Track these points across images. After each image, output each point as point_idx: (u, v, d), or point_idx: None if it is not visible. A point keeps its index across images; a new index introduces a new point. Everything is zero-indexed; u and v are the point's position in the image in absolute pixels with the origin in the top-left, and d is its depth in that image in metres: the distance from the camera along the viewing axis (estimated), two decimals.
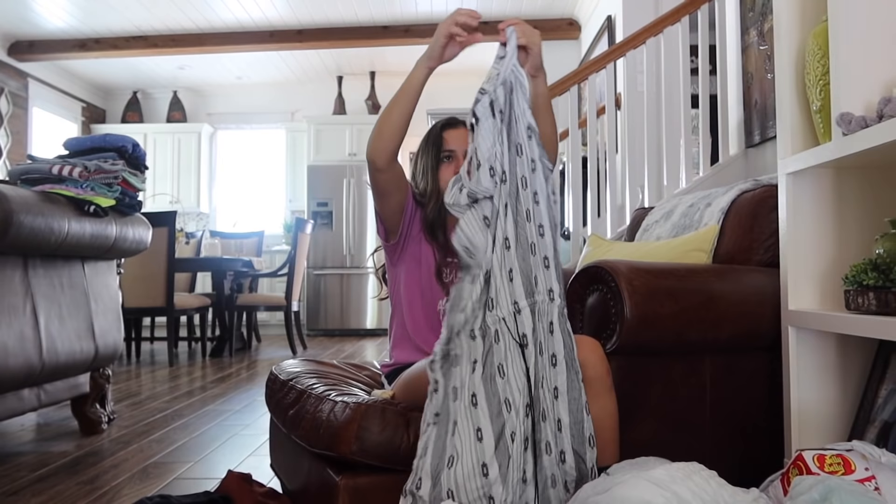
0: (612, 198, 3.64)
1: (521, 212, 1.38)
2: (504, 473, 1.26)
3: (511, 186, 1.39)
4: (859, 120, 1.33)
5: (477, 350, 1.31)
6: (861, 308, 1.36)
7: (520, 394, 1.29)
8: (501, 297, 1.34)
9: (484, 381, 1.29)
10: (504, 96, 1.41)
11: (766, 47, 3.33)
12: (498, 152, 1.37)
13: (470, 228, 1.35)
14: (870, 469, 1.19)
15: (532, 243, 1.37)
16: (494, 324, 1.32)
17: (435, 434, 1.27)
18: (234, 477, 1.74)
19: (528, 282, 1.35)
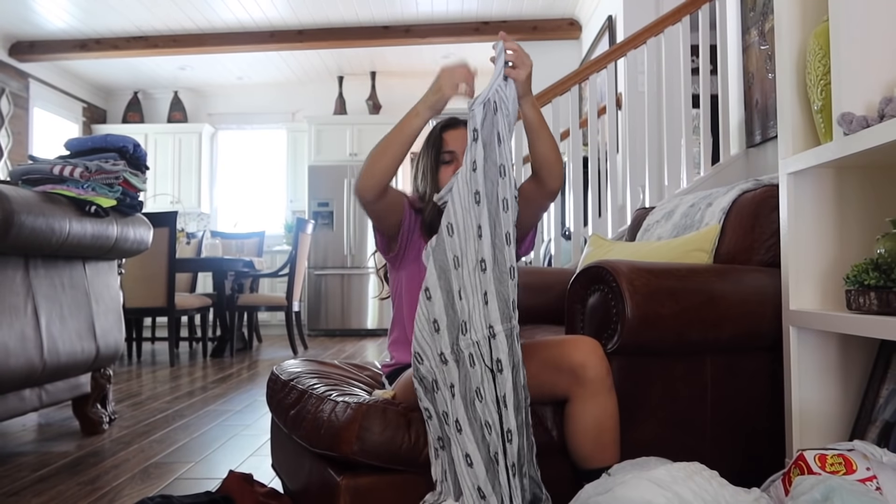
0: (613, 198, 3.64)
1: (501, 234, 1.37)
2: (499, 493, 1.27)
3: (490, 207, 1.38)
4: (860, 120, 1.33)
5: (451, 374, 1.31)
6: (862, 308, 1.36)
7: (495, 418, 1.30)
8: (475, 320, 1.33)
9: (465, 406, 1.29)
10: (482, 116, 1.41)
11: (766, 47, 3.32)
12: (467, 172, 1.38)
13: (459, 203, 1.36)
14: (871, 469, 1.19)
15: (511, 266, 1.37)
16: (468, 347, 1.33)
17: (448, 460, 1.29)
18: (236, 477, 1.74)
19: (505, 305, 1.35)
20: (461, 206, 1.38)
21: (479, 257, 1.35)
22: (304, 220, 5.69)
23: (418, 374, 1.32)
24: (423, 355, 1.32)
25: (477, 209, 1.37)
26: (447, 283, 1.35)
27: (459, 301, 1.33)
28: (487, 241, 1.36)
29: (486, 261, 1.35)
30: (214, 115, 8.07)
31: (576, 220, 3.67)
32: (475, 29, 6.28)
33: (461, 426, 1.28)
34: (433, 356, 1.32)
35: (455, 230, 1.37)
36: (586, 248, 2.47)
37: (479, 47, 6.78)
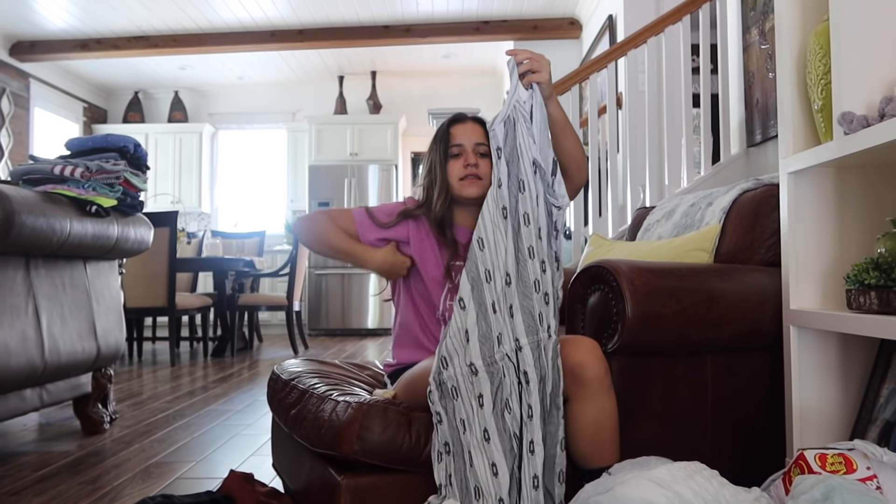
0: (614, 197, 3.64)
1: (523, 248, 1.40)
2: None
3: (513, 222, 1.40)
4: (861, 119, 1.33)
5: (481, 385, 1.33)
6: (863, 307, 1.36)
7: (521, 429, 1.32)
8: (505, 333, 1.35)
9: (495, 417, 1.31)
10: (504, 133, 1.43)
11: (767, 46, 3.32)
12: (494, 189, 1.42)
13: (489, 218, 1.38)
14: (871, 468, 1.19)
15: (535, 280, 1.39)
16: (502, 360, 1.34)
17: (454, 466, 1.30)
18: (236, 477, 1.75)
19: (531, 319, 1.37)
20: (491, 221, 1.42)
21: (504, 271, 1.38)
22: None
23: (439, 377, 1.33)
24: (450, 361, 1.34)
25: (504, 224, 1.40)
26: (480, 295, 1.38)
27: (493, 314, 1.37)
28: (511, 255, 1.38)
29: (510, 275, 1.38)
30: (215, 114, 8.07)
31: (576, 219, 3.67)
32: (475, 28, 6.28)
33: (489, 436, 1.30)
34: (460, 364, 1.33)
35: (486, 245, 1.41)
36: (587, 248, 2.47)
37: (480, 47, 6.79)
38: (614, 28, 5.03)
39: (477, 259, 1.40)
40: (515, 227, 1.40)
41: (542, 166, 1.44)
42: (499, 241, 1.40)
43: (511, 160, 1.43)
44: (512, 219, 1.41)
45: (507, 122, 1.45)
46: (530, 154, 1.43)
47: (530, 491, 1.29)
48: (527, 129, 1.44)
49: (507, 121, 1.45)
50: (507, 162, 1.43)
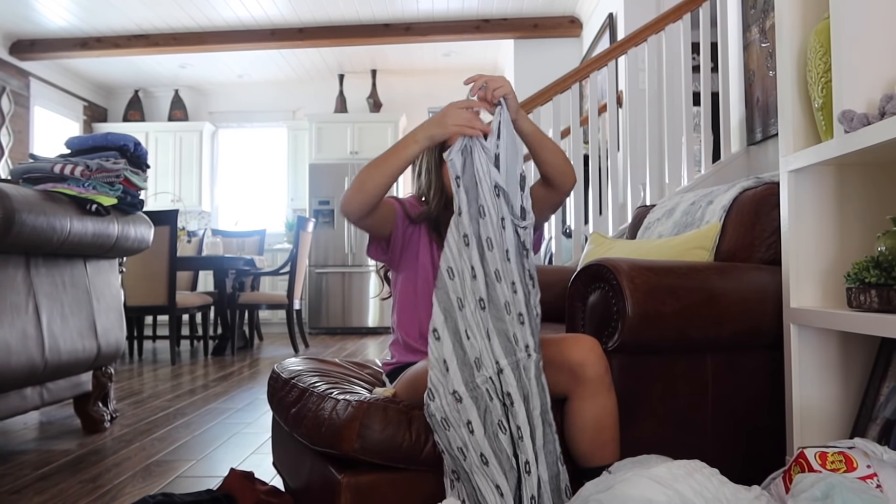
0: (614, 196, 3.64)
1: (490, 272, 1.40)
2: None
3: (477, 248, 1.40)
4: (861, 117, 1.33)
5: (468, 412, 1.34)
6: (863, 306, 1.36)
7: (514, 450, 1.33)
8: (485, 356, 1.36)
9: (489, 440, 1.31)
10: (461, 162, 1.44)
11: (767, 45, 3.32)
12: (455, 217, 1.42)
13: (454, 246, 1.39)
14: (872, 466, 1.19)
15: (506, 302, 1.40)
16: (484, 383, 1.34)
17: (465, 491, 1.32)
18: (237, 475, 1.75)
19: (507, 341, 1.37)
20: (456, 248, 1.42)
21: (478, 296, 1.38)
22: (305, 218, 5.69)
23: (429, 410, 1.34)
24: (436, 392, 1.35)
25: (468, 251, 1.40)
26: (454, 323, 1.38)
27: (468, 340, 1.37)
28: (481, 280, 1.39)
29: (483, 299, 1.38)
30: (215, 113, 8.07)
31: (576, 217, 3.67)
32: (476, 27, 6.28)
33: (487, 459, 1.31)
34: (445, 394, 1.34)
35: (455, 273, 1.40)
36: (587, 246, 2.47)
37: (480, 45, 6.79)
38: (615, 26, 5.02)
39: (448, 287, 1.39)
40: (480, 252, 1.41)
41: (505, 189, 1.43)
42: (465, 268, 1.40)
43: (469, 188, 1.43)
44: (476, 244, 1.41)
45: (463, 150, 1.44)
46: (489, 179, 1.43)
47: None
48: (485, 155, 1.43)
49: (463, 150, 1.45)
50: (466, 190, 1.43)
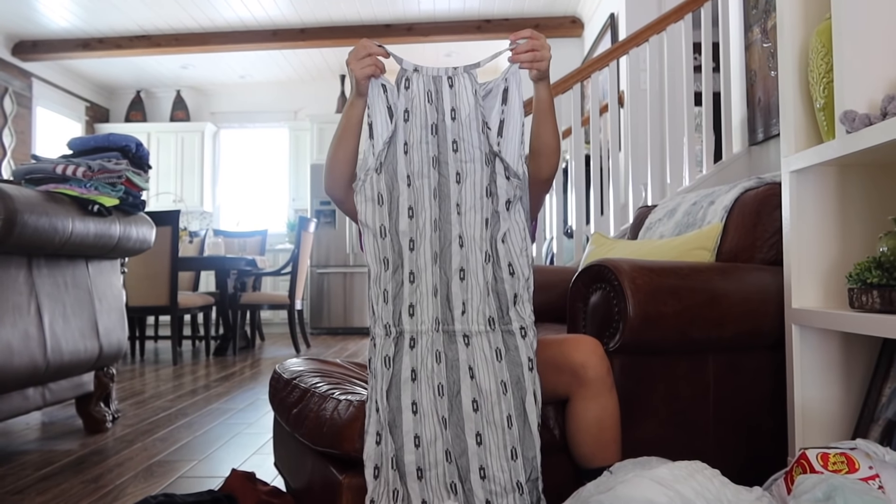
0: (616, 196, 3.64)
1: (454, 237, 1.38)
2: (426, 475, 1.32)
3: (443, 212, 1.38)
4: (863, 118, 1.33)
5: (388, 347, 1.35)
6: (865, 306, 1.36)
7: (430, 404, 1.33)
8: (426, 308, 1.36)
9: (391, 381, 1.34)
10: (379, 93, 1.38)
11: (769, 45, 3.32)
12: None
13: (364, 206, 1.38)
14: (874, 468, 1.18)
15: (461, 268, 1.38)
16: (411, 331, 1.35)
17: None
18: (238, 475, 1.75)
19: (446, 305, 1.37)
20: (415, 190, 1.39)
21: (434, 250, 1.37)
22: (307, 218, 5.69)
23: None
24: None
25: (434, 204, 1.39)
26: (399, 261, 1.38)
27: (410, 284, 1.37)
28: (437, 238, 1.38)
29: (438, 255, 1.37)
30: (217, 113, 8.08)
31: (578, 218, 3.67)
32: (477, 27, 6.28)
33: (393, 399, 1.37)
34: (378, 325, 1.38)
35: (415, 213, 1.38)
36: (588, 247, 2.46)
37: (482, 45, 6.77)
38: (616, 26, 5.02)
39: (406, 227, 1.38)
40: (446, 213, 1.38)
41: (504, 157, 1.37)
42: (426, 215, 1.37)
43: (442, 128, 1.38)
44: (442, 204, 1.38)
45: (385, 87, 1.39)
46: (425, 117, 1.38)
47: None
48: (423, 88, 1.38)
49: (385, 86, 1.39)
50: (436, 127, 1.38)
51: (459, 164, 1.38)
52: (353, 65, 1.38)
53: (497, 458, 1.32)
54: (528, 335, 1.37)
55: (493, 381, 1.34)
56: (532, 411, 1.34)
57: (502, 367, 1.35)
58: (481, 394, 1.34)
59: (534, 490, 1.33)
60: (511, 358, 1.36)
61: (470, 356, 1.35)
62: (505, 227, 1.39)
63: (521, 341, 1.37)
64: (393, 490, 1.33)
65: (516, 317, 1.38)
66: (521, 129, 1.40)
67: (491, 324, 1.37)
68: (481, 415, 1.33)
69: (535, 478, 1.33)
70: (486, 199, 1.38)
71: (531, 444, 1.33)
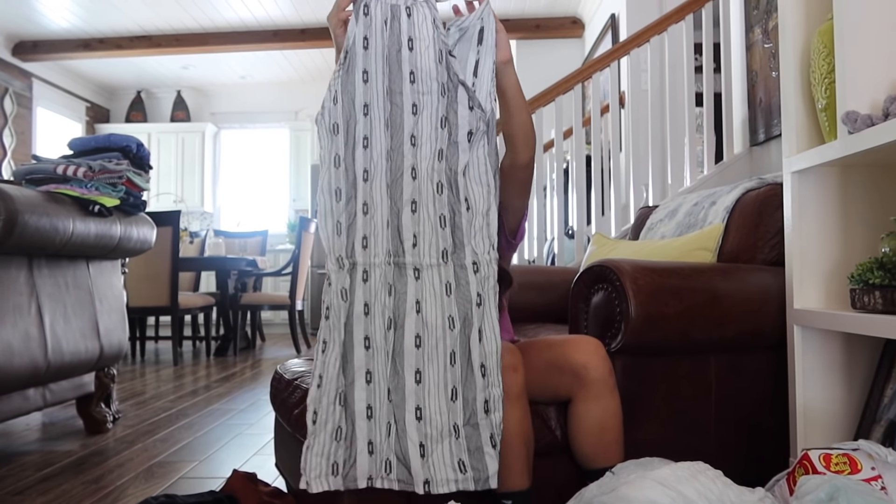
0: (617, 196, 3.64)
1: (407, 168, 1.34)
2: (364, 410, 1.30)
3: (343, 135, 1.35)
4: (865, 118, 1.33)
5: (343, 280, 1.33)
6: (867, 307, 1.36)
7: (383, 339, 1.30)
8: (379, 240, 1.33)
9: (348, 314, 1.32)
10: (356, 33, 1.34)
11: (770, 45, 3.32)
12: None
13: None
14: (876, 468, 1.18)
15: (413, 200, 1.33)
16: (364, 263, 1.33)
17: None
18: (239, 476, 1.74)
19: (397, 238, 1.33)
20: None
21: (387, 182, 1.34)
22: (307, 218, 5.69)
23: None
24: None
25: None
26: (352, 191, 1.36)
27: (364, 216, 1.35)
28: (388, 167, 1.35)
29: (391, 187, 1.34)
30: (217, 114, 8.08)
31: (579, 218, 3.67)
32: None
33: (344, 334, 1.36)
34: (331, 257, 1.37)
35: (369, 144, 1.36)
36: (589, 247, 2.46)
37: None
38: (617, 27, 5.02)
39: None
40: (398, 143, 1.34)
41: (475, 91, 1.33)
42: (381, 146, 1.33)
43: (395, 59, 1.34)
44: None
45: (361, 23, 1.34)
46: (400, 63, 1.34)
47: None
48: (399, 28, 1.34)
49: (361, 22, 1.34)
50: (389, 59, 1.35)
51: (416, 96, 1.34)
52: (332, 20, 1.37)
53: (436, 398, 1.27)
54: (480, 270, 1.31)
55: (440, 316, 1.29)
56: (476, 349, 1.28)
57: (451, 301, 1.30)
58: (426, 328, 1.29)
59: (474, 436, 1.26)
60: (461, 293, 1.30)
61: (419, 290, 1.31)
62: (465, 160, 1.33)
63: (473, 276, 1.31)
64: (337, 428, 1.30)
65: (470, 252, 1.32)
66: (493, 68, 1.37)
67: (444, 257, 1.32)
68: (423, 351, 1.29)
69: (474, 422, 1.26)
70: (441, 130, 1.34)
71: (473, 384, 1.27)
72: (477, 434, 1.26)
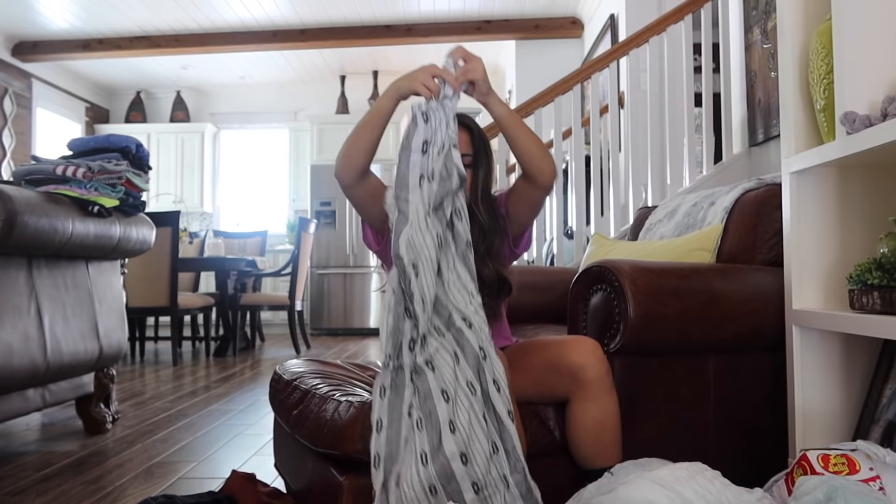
0: (616, 197, 3.64)
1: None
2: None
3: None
4: (863, 119, 1.33)
5: (384, 377, 1.34)
6: (865, 307, 1.36)
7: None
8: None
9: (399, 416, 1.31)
10: (417, 125, 1.41)
11: (769, 45, 3.32)
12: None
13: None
14: (874, 469, 1.18)
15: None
16: (410, 364, 1.33)
17: None
18: (238, 477, 1.75)
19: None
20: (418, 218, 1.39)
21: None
22: (307, 219, 5.69)
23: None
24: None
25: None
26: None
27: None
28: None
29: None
30: (217, 114, 8.08)
31: (578, 219, 3.67)
32: (477, 28, 6.28)
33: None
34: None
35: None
36: (588, 248, 2.46)
37: (482, 46, 6.77)
38: (616, 27, 5.02)
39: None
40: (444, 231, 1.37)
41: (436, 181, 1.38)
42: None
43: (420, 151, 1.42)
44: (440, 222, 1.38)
45: (424, 114, 1.41)
46: (444, 142, 1.40)
47: None
48: (443, 118, 1.41)
49: (424, 113, 1.41)
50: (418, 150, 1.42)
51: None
52: (421, 75, 1.40)
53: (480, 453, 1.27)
54: (473, 324, 1.33)
55: (462, 385, 1.30)
56: (498, 400, 1.29)
57: (465, 367, 1.32)
58: (459, 412, 1.29)
59: (522, 482, 1.28)
60: (469, 354, 1.33)
61: (439, 379, 1.32)
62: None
63: (469, 332, 1.34)
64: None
65: (456, 311, 1.35)
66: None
67: (439, 331, 1.35)
68: (459, 435, 1.29)
69: (521, 468, 1.28)
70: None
71: (509, 436, 1.28)
72: (526, 480, 1.29)
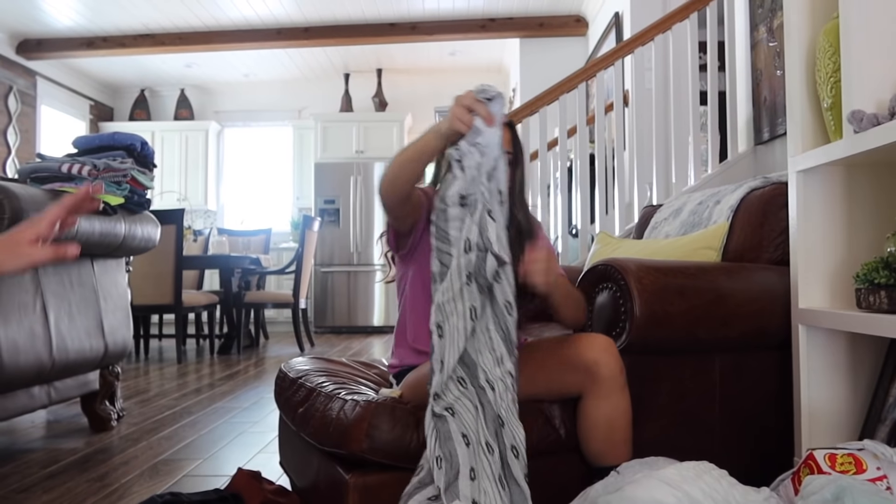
0: (621, 195, 3.63)
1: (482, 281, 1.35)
2: None
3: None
4: (870, 117, 1.33)
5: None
6: (872, 307, 1.36)
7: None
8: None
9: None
10: (461, 156, 1.34)
11: (775, 44, 3.31)
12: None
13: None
14: (881, 468, 1.18)
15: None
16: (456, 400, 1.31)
17: None
18: (244, 474, 1.75)
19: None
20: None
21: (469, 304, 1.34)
22: (311, 217, 5.69)
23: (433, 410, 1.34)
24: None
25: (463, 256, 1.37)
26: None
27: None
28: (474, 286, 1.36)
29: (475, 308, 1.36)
30: (221, 112, 8.08)
31: (583, 217, 3.67)
32: (481, 26, 6.27)
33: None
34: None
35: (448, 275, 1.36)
36: (594, 246, 2.46)
37: (486, 44, 6.78)
38: (621, 25, 5.01)
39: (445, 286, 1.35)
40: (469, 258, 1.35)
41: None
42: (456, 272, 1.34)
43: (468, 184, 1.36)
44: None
45: (465, 147, 1.34)
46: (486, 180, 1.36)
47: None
48: (479, 157, 1.35)
49: (465, 147, 1.34)
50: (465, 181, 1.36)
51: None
52: (457, 110, 1.33)
53: None
54: (496, 389, 1.32)
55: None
56: (515, 465, 1.29)
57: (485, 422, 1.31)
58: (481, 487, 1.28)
59: None
60: (489, 414, 1.31)
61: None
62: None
63: (491, 394, 1.32)
64: None
65: (481, 371, 1.35)
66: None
67: (462, 383, 1.34)
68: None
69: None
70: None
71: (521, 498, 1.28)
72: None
